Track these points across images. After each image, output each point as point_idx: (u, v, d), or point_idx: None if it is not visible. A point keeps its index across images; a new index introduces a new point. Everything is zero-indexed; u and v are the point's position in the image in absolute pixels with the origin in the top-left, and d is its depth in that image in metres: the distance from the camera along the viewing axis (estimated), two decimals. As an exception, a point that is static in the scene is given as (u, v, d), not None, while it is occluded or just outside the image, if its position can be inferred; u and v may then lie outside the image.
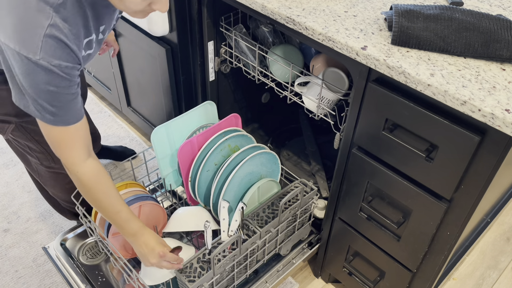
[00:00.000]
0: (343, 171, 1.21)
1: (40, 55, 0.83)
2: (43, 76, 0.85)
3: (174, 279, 1.26)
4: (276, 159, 1.39)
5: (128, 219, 1.10)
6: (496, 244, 1.75)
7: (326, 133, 1.82)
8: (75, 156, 0.99)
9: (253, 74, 1.46)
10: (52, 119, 0.92)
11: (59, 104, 0.90)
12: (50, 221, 1.77)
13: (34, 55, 0.83)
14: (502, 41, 0.93)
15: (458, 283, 1.62)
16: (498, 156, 0.86)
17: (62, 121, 0.93)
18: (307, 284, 1.60)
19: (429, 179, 1.00)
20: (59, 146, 0.98)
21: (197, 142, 1.34)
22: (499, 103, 0.82)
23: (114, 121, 2.25)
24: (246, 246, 1.20)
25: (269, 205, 1.34)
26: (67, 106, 0.92)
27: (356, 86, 1.05)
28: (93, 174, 1.03)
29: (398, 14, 0.99)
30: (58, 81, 0.87)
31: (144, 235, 1.12)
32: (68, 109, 0.93)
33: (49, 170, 1.33)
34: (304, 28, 1.06)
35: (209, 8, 1.38)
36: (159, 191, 1.55)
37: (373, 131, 1.05)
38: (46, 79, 0.86)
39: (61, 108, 0.91)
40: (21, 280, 1.57)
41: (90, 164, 1.02)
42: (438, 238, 1.07)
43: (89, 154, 1.02)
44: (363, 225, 1.24)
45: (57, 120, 0.92)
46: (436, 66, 0.92)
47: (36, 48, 0.82)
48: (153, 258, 1.11)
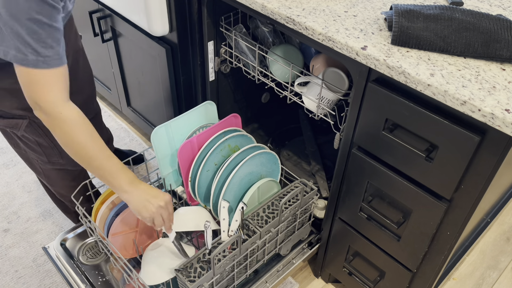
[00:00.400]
0: (343, 171, 1.21)
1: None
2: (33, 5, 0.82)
3: (174, 279, 1.26)
4: (276, 159, 1.39)
5: (122, 167, 1.01)
6: (496, 244, 1.75)
7: (326, 133, 1.82)
8: (57, 96, 0.92)
9: (253, 74, 1.46)
10: (34, 60, 0.87)
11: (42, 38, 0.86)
12: (50, 221, 1.77)
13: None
14: (502, 41, 0.93)
15: (458, 283, 1.62)
16: (498, 156, 0.86)
17: (45, 62, 0.88)
18: (307, 284, 1.60)
19: (429, 179, 1.00)
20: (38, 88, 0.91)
21: (197, 142, 1.34)
22: (499, 103, 0.82)
23: (114, 121, 2.25)
24: (246, 246, 1.20)
25: (269, 205, 1.34)
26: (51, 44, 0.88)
27: (356, 86, 1.05)
28: (77, 114, 0.95)
29: (398, 14, 0.99)
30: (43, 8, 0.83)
31: (143, 184, 1.05)
32: (51, 47, 0.88)
33: (55, 167, 1.34)
34: (304, 28, 1.06)
35: (209, 8, 1.38)
36: (159, 191, 1.55)
37: (373, 131, 1.05)
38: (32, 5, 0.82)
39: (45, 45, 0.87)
40: (21, 280, 1.57)
41: (73, 106, 0.96)
42: (438, 238, 1.07)
43: (69, 99, 0.96)
44: (363, 225, 1.24)
45: (39, 61, 0.87)
46: (436, 66, 0.92)
47: None
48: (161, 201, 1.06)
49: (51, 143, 1.27)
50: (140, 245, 1.33)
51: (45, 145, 1.27)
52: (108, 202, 1.28)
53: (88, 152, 0.98)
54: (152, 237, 1.36)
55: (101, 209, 1.28)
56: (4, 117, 1.17)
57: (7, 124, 1.19)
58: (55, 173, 1.36)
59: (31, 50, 0.86)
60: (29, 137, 1.24)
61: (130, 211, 1.23)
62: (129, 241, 1.30)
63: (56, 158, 1.31)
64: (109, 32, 1.79)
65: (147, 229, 1.33)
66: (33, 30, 0.84)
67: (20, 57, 0.87)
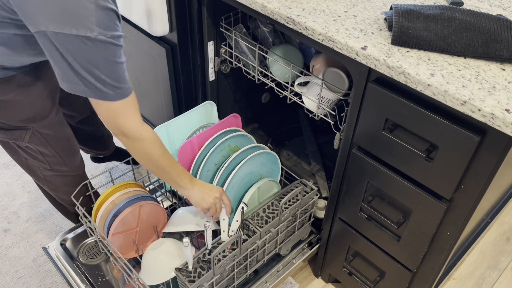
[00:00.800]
0: (343, 171, 1.21)
1: (97, 31, 0.85)
2: (103, 51, 0.89)
3: (174, 279, 1.26)
4: (276, 159, 1.39)
5: (183, 169, 1.18)
6: (496, 244, 1.75)
7: (326, 133, 1.82)
8: (136, 121, 1.02)
9: (253, 74, 1.46)
10: (113, 94, 0.95)
11: (118, 75, 0.94)
12: (50, 221, 1.77)
13: (91, 32, 0.85)
14: (502, 41, 0.93)
15: (458, 283, 1.62)
16: (498, 156, 0.86)
17: (122, 94, 0.96)
18: (307, 284, 1.60)
19: (429, 179, 1.00)
20: (120, 118, 1.00)
21: (197, 142, 1.34)
22: (499, 103, 0.82)
23: (114, 121, 2.25)
24: (246, 246, 1.20)
25: (269, 205, 1.34)
26: (124, 76, 0.96)
27: (356, 86, 1.05)
28: (152, 133, 1.07)
29: (398, 14, 0.99)
30: (115, 52, 0.91)
31: (199, 181, 1.22)
32: (124, 78, 0.96)
33: (58, 174, 1.34)
34: (304, 28, 1.06)
35: (209, 8, 1.38)
36: (159, 191, 1.55)
37: (373, 131, 1.05)
38: (107, 53, 0.89)
39: (120, 79, 0.95)
40: (21, 280, 1.57)
41: (147, 126, 1.06)
42: (438, 238, 1.07)
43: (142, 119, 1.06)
44: (363, 225, 1.24)
45: (118, 94, 0.95)
46: (436, 66, 0.92)
47: (92, 25, 0.85)
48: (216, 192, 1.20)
49: (54, 151, 1.27)
50: (140, 245, 1.33)
51: (48, 154, 1.27)
52: (108, 202, 1.28)
53: (163, 163, 1.12)
54: (152, 237, 1.36)
55: (101, 209, 1.28)
56: (7, 129, 1.18)
57: (10, 136, 1.19)
58: (58, 179, 1.36)
59: (111, 87, 0.94)
60: (32, 147, 1.24)
61: (130, 211, 1.23)
62: (129, 241, 1.30)
63: (59, 166, 1.32)
64: (109, 32, 1.79)
65: (147, 229, 1.33)
66: (110, 72, 0.93)
67: (101, 94, 0.94)
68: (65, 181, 1.38)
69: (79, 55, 0.87)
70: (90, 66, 0.89)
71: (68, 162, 1.33)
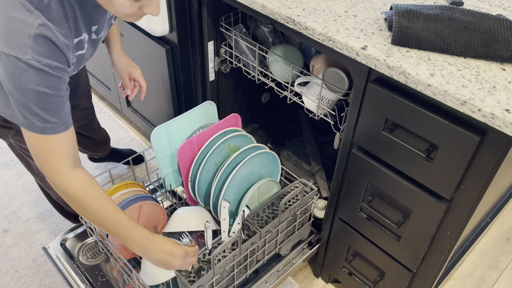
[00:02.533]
0: (343, 171, 1.21)
1: (30, 55, 0.80)
2: (33, 76, 0.82)
3: (174, 279, 1.26)
4: (276, 159, 1.39)
5: (132, 228, 1.01)
6: (496, 244, 1.75)
7: (326, 133, 1.82)
8: (60, 167, 0.92)
9: (253, 74, 1.46)
10: (41, 127, 0.88)
11: (49, 107, 0.87)
12: (50, 221, 1.77)
13: (24, 54, 0.80)
14: (502, 41, 0.93)
15: (458, 283, 1.62)
16: (498, 156, 0.86)
17: (52, 129, 0.89)
18: (307, 284, 1.60)
19: (429, 179, 1.00)
20: (44, 157, 0.92)
21: (197, 142, 1.34)
22: (499, 103, 0.82)
23: (114, 121, 2.25)
24: (246, 246, 1.20)
25: (269, 205, 1.34)
26: (58, 111, 0.89)
27: (356, 86, 1.05)
28: (80, 185, 0.95)
29: (398, 14, 0.99)
30: (48, 81, 0.85)
31: (156, 242, 1.02)
32: (58, 114, 0.89)
33: None
34: (304, 28, 1.06)
35: (209, 8, 1.38)
36: (159, 191, 1.55)
37: (373, 131, 1.05)
38: (37, 79, 0.83)
39: (51, 113, 0.88)
40: (21, 280, 1.57)
41: (77, 175, 0.95)
42: (438, 238, 1.07)
43: (76, 165, 0.95)
44: (363, 225, 1.24)
45: (46, 128, 0.88)
46: (436, 66, 0.92)
47: (26, 48, 0.80)
48: (177, 261, 1.04)
49: None
50: (140, 245, 1.33)
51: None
52: (108, 202, 1.28)
53: (97, 218, 0.98)
54: (152, 237, 1.36)
55: (101, 209, 1.28)
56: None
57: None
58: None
59: (38, 118, 0.86)
60: (20, 145, 1.22)
61: (130, 211, 1.23)
62: (129, 241, 1.30)
63: None
64: (109, 32, 1.79)
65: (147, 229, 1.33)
66: (39, 101, 0.85)
67: (27, 123, 0.87)
68: None
69: (8, 75, 0.83)
70: (18, 90, 0.83)
71: None
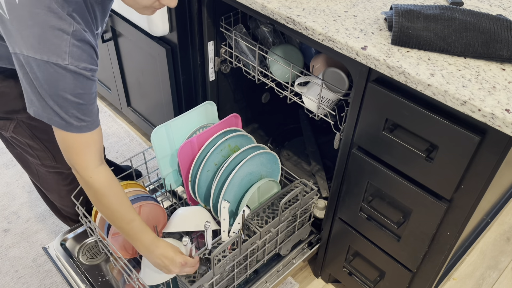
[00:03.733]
0: (343, 171, 1.21)
1: (68, 60, 0.86)
2: (71, 81, 0.88)
3: (174, 279, 1.26)
4: (276, 159, 1.39)
5: (142, 229, 1.09)
6: (496, 244, 1.75)
7: (326, 133, 1.82)
8: (90, 161, 0.99)
9: (253, 74, 1.46)
10: (78, 126, 0.94)
11: (84, 108, 0.93)
12: (50, 221, 1.77)
13: (63, 60, 0.85)
14: (502, 41, 0.93)
15: (458, 283, 1.62)
16: (498, 156, 0.86)
17: (87, 127, 0.95)
18: (307, 284, 1.60)
19: (429, 179, 1.00)
20: (75, 152, 0.98)
21: (197, 142, 1.34)
22: (499, 103, 0.82)
23: (114, 121, 2.25)
24: (246, 246, 1.20)
25: (269, 205, 1.34)
26: (91, 110, 0.95)
27: (356, 86, 1.05)
28: (106, 179, 1.02)
29: (398, 14, 0.99)
30: (84, 84, 0.91)
31: (160, 247, 1.10)
32: (91, 113, 0.95)
33: (50, 170, 1.32)
34: (304, 28, 1.06)
35: (209, 8, 1.38)
36: (159, 191, 1.55)
37: (373, 131, 1.05)
38: (75, 83, 0.89)
39: (86, 112, 0.94)
40: (21, 280, 1.57)
41: (103, 170, 1.02)
42: (438, 238, 1.07)
43: (101, 161, 1.02)
44: (363, 225, 1.24)
45: (82, 127, 0.94)
46: (436, 66, 0.92)
47: (64, 54, 0.85)
48: (176, 268, 1.11)
49: (43, 145, 1.25)
50: (140, 245, 1.33)
51: (37, 148, 1.25)
52: (108, 202, 1.28)
53: (113, 215, 1.06)
54: (152, 237, 1.36)
55: (101, 209, 1.28)
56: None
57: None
58: (50, 176, 1.34)
59: (75, 118, 0.93)
60: (19, 139, 1.22)
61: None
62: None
63: (49, 161, 1.29)
64: (109, 32, 1.79)
65: (147, 229, 1.33)
66: (77, 103, 0.92)
67: (64, 124, 0.93)
68: (58, 179, 1.35)
69: (47, 81, 0.87)
70: (57, 94, 0.89)
71: (59, 158, 1.29)
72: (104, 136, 2.14)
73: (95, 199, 1.04)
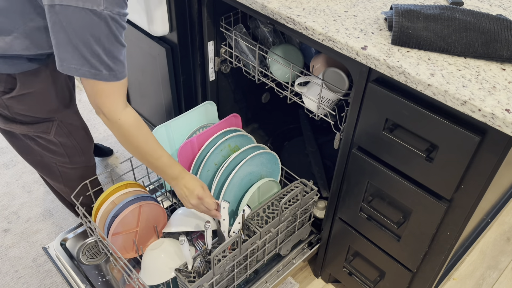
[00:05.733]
0: (343, 171, 1.21)
1: (104, 5, 0.88)
2: (106, 26, 0.90)
3: (174, 279, 1.26)
4: (276, 159, 1.39)
5: (170, 164, 1.15)
6: (496, 244, 1.75)
7: (326, 133, 1.82)
8: (118, 104, 1.03)
9: (253, 74, 1.46)
10: (106, 75, 0.96)
11: (116, 55, 0.96)
12: (50, 221, 1.77)
13: (98, 6, 0.87)
14: (503, 41, 0.93)
15: (458, 283, 1.62)
16: (498, 156, 0.86)
17: (115, 76, 0.98)
18: (307, 284, 1.60)
19: (429, 179, 1.00)
20: (104, 97, 1.01)
21: (197, 142, 1.34)
22: (499, 103, 0.82)
23: (114, 121, 2.25)
24: (246, 246, 1.20)
25: (269, 205, 1.34)
26: (121, 58, 0.98)
27: (356, 86, 1.05)
28: (134, 119, 1.06)
29: (398, 14, 0.99)
30: (118, 29, 0.93)
31: (185, 178, 1.17)
32: (122, 61, 0.98)
33: (75, 166, 1.35)
34: (304, 28, 1.06)
35: (209, 8, 1.38)
36: (159, 191, 1.55)
37: (373, 131, 1.05)
38: (109, 29, 0.91)
39: (116, 61, 0.96)
40: (21, 280, 1.57)
41: (130, 111, 1.06)
42: (438, 238, 1.07)
43: (127, 103, 1.06)
44: (363, 225, 1.24)
45: (111, 75, 0.97)
46: (436, 66, 0.92)
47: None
48: (193, 199, 1.18)
49: (75, 142, 1.30)
50: (140, 245, 1.33)
51: (70, 145, 1.29)
52: (108, 202, 1.28)
53: (142, 151, 1.10)
54: (152, 237, 1.36)
55: (101, 209, 1.28)
56: (33, 123, 1.19)
57: (36, 129, 1.20)
58: (74, 173, 1.36)
59: (106, 66, 0.95)
60: (55, 140, 1.25)
61: (130, 211, 1.23)
62: (129, 241, 1.30)
63: (77, 157, 1.33)
64: (109, 32, 1.79)
65: (147, 229, 1.33)
66: (109, 49, 0.94)
67: (94, 72, 0.95)
68: (81, 174, 1.38)
69: (82, 28, 0.89)
70: (90, 41, 0.91)
71: (86, 152, 1.35)
72: (104, 136, 2.15)
73: (124, 139, 1.08)
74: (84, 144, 1.34)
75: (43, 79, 1.12)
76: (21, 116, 1.16)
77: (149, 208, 1.29)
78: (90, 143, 1.38)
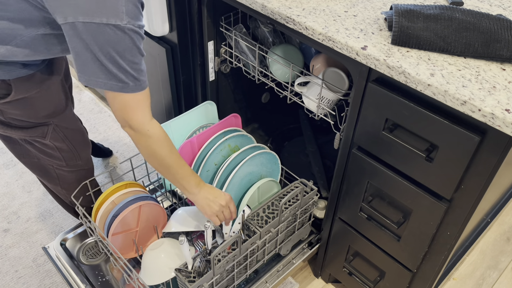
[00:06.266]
0: (343, 171, 1.21)
1: (126, 20, 0.89)
2: (130, 40, 0.92)
3: (174, 279, 1.26)
4: (276, 159, 1.39)
5: (192, 172, 1.16)
6: (496, 244, 1.75)
7: (326, 133, 1.82)
8: (145, 116, 1.04)
9: (253, 74, 1.46)
10: (132, 86, 0.97)
11: (139, 67, 0.97)
12: (50, 221, 1.77)
13: (121, 21, 0.88)
14: (502, 41, 0.93)
15: (458, 283, 1.62)
16: (498, 156, 0.86)
17: (140, 86, 0.99)
18: (307, 284, 1.60)
19: (429, 179, 1.00)
20: (131, 110, 1.01)
21: (197, 142, 1.34)
22: (499, 103, 0.82)
23: (114, 121, 2.25)
24: (246, 246, 1.20)
25: (269, 205, 1.34)
26: (143, 70, 0.99)
27: (356, 86, 1.05)
28: (161, 130, 1.08)
29: (398, 14, 0.99)
30: (139, 42, 0.95)
31: (207, 185, 1.19)
32: (143, 72, 0.99)
33: (72, 169, 1.35)
34: (304, 28, 1.06)
35: (209, 8, 1.38)
36: (159, 191, 1.55)
37: (373, 131, 1.05)
38: (132, 42, 0.92)
39: (140, 71, 0.97)
40: (21, 280, 1.57)
41: (156, 122, 1.08)
42: (438, 238, 1.07)
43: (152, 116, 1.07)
44: (363, 225, 1.24)
45: (137, 86, 0.98)
46: (436, 66, 0.92)
47: (122, 14, 0.88)
48: (216, 206, 1.18)
49: (71, 145, 1.29)
50: (140, 245, 1.33)
51: (65, 149, 1.28)
52: (108, 202, 1.28)
53: (168, 162, 1.11)
54: (152, 237, 1.36)
55: (101, 209, 1.28)
56: (28, 128, 1.18)
57: (32, 133, 1.20)
58: (71, 176, 1.36)
59: (131, 78, 0.96)
60: (51, 144, 1.25)
61: (130, 211, 1.23)
62: (129, 241, 1.30)
63: (74, 161, 1.33)
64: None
65: (147, 229, 1.33)
66: (134, 61, 0.95)
67: (122, 86, 0.96)
68: (78, 177, 1.38)
69: (106, 44, 0.90)
70: (115, 56, 0.92)
71: (83, 156, 1.35)
72: (104, 136, 2.15)
73: (151, 151, 1.08)
74: (80, 148, 1.33)
75: (38, 84, 1.12)
76: (16, 121, 1.16)
77: (149, 208, 1.29)
78: (87, 147, 1.37)
